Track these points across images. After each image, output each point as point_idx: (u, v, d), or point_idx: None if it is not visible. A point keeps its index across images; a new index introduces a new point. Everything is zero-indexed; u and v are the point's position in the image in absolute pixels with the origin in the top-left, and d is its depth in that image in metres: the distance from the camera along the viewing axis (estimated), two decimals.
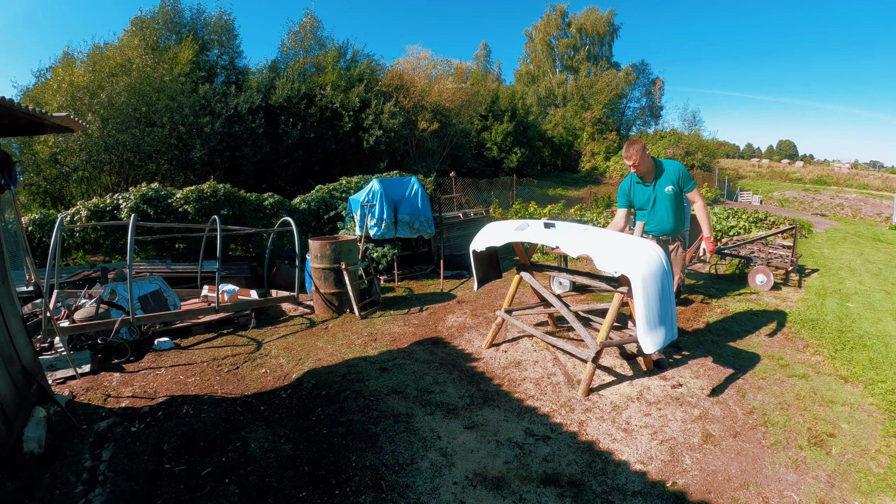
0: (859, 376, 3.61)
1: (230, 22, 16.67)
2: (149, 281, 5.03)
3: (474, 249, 3.98)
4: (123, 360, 4.00)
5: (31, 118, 2.59)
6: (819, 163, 47.65)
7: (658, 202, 3.83)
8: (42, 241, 6.44)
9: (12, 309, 2.94)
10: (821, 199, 25.40)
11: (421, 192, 6.95)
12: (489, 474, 2.42)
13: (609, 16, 37.56)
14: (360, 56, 18.64)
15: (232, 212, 7.14)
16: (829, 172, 33.57)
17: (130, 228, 4.13)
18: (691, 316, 5.18)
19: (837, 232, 13.99)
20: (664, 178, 3.80)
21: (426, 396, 3.26)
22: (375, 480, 2.37)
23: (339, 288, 5.25)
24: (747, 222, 10.58)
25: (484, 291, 6.21)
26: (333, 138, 16.20)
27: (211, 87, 14.19)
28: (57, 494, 2.29)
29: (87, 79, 12.40)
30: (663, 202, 3.82)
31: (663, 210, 3.83)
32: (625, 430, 2.85)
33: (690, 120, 35.44)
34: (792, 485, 2.36)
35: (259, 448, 2.66)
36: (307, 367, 3.80)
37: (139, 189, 6.70)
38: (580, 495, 2.26)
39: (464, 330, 4.73)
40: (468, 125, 22.02)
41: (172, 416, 3.04)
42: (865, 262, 8.72)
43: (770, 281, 6.32)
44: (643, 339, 3.02)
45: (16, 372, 2.79)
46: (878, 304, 5.76)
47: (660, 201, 3.83)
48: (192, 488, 2.32)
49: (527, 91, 36.63)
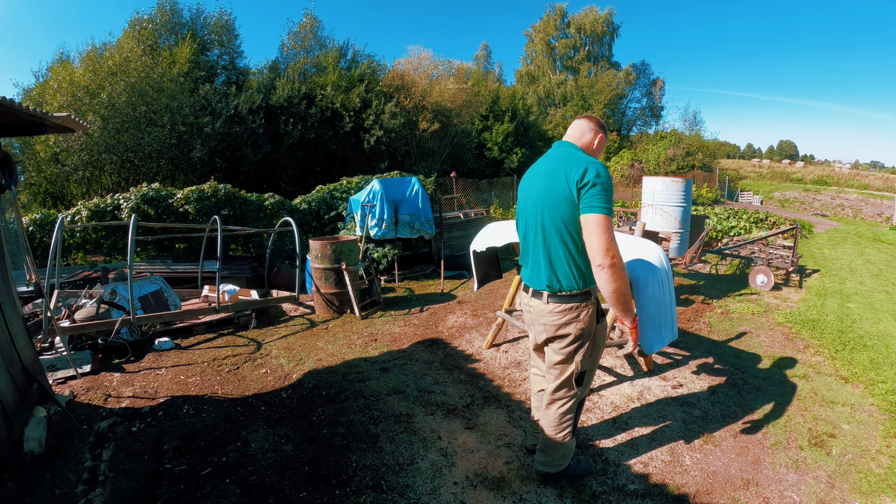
0: (860, 377, 3.61)
1: (230, 22, 16.67)
2: (149, 281, 5.03)
3: (475, 250, 3.99)
4: (124, 360, 4.00)
5: (31, 118, 2.59)
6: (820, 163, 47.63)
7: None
8: (43, 241, 6.45)
9: (13, 309, 2.94)
10: (821, 199, 25.38)
11: (421, 192, 6.95)
12: (489, 474, 2.42)
13: (608, 15, 37.48)
14: (360, 56, 18.63)
15: (232, 212, 7.14)
16: (829, 173, 33.54)
17: (131, 228, 4.14)
18: (691, 316, 5.18)
19: (838, 232, 13.98)
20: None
21: (427, 397, 3.26)
22: (376, 480, 2.37)
23: (339, 288, 5.25)
24: (748, 222, 10.57)
25: (484, 291, 6.21)
26: (334, 138, 16.19)
27: (211, 87, 14.19)
28: (57, 494, 2.29)
29: (88, 79, 12.40)
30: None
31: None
32: (625, 430, 2.85)
33: (691, 120, 35.43)
34: (792, 485, 2.36)
35: (259, 448, 2.66)
36: (308, 368, 3.80)
37: (140, 189, 6.71)
38: (580, 495, 2.26)
39: (464, 330, 4.73)
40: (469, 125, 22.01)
41: (173, 416, 3.04)
42: (866, 263, 8.71)
43: (771, 281, 6.31)
44: (644, 340, 3.02)
45: (16, 372, 2.80)
46: (879, 304, 5.76)
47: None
48: (192, 488, 2.32)
49: (527, 91, 36.58)
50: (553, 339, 2.10)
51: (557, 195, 1.90)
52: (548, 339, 2.12)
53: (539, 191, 2.00)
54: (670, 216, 5.90)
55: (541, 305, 2.08)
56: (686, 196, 5.92)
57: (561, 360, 2.10)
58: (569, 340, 2.05)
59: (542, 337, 2.14)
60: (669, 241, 5.96)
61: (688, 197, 5.94)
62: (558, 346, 2.10)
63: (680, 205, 5.88)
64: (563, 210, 1.90)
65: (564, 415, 2.18)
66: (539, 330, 2.14)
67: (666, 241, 5.96)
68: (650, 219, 6.00)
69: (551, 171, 1.96)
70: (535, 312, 2.12)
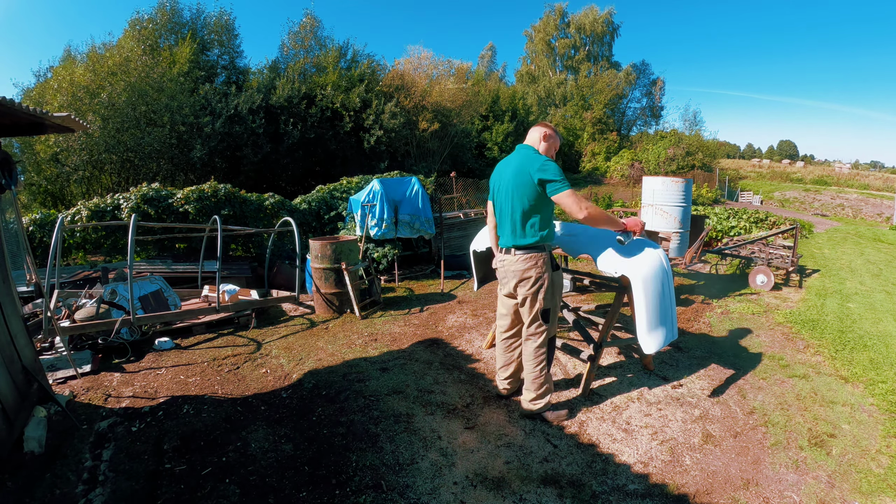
0: (860, 377, 3.61)
1: (230, 22, 16.68)
2: (149, 281, 5.03)
3: (474, 249, 3.98)
4: (124, 359, 4.00)
5: (32, 118, 2.59)
6: (820, 163, 47.65)
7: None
8: (43, 241, 6.45)
9: (13, 308, 2.94)
10: (821, 199, 25.39)
11: (421, 192, 6.95)
12: (489, 474, 2.42)
13: (608, 15, 37.43)
14: (360, 56, 18.65)
15: (232, 212, 7.14)
16: (829, 173, 33.55)
17: (131, 228, 4.14)
18: (691, 316, 5.18)
19: (838, 232, 13.99)
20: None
21: (427, 396, 3.26)
22: (376, 480, 2.37)
23: (339, 288, 5.25)
24: (748, 222, 10.58)
25: (484, 291, 6.21)
26: (334, 138, 16.20)
27: (211, 87, 14.20)
28: (57, 494, 2.29)
29: (88, 79, 12.41)
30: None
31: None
32: (625, 430, 2.85)
33: (691, 120, 35.44)
34: (792, 485, 2.36)
35: (259, 448, 2.66)
36: (308, 368, 3.80)
37: (140, 189, 6.71)
38: (580, 495, 2.26)
39: (464, 330, 4.73)
40: (469, 125, 22.02)
41: (173, 415, 3.04)
42: (866, 263, 8.71)
43: (770, 281, 6.31)
44: (643, 340, 3.02)
45: (16, 371, 2.80)
46: (879, 304, 5.76)
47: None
48: (192, 488, 2.32)
49: (527, 91, 36.57)
50: (520, 283, 2.77)
51: (524, 182, 2.67)
52: (516, 283, 2.79)
53: (509, 180, 2.76)
54: (670, 216, 5.90)
55: (511, 258, 2.80)
56: (686, 196, 5.92)
57: (528, 298, 2.76)
58: (531, 282, 2.73)
59: (513, 282, 2.81)
60: (669, 241, 5.96)
61: (688, 197, 5.94)
62: (524, 289, 2.76)
63: (680, 205, 5.88)
64: (527, 192, 2.67)
65: (539, 348, 2.81)
66: (510, 277, 2.82)
67: (666, 241, 5.96)
68: (650, 219, 6.00)
69: (518, 167, 2.72)
70: (507, 264, 2.83)
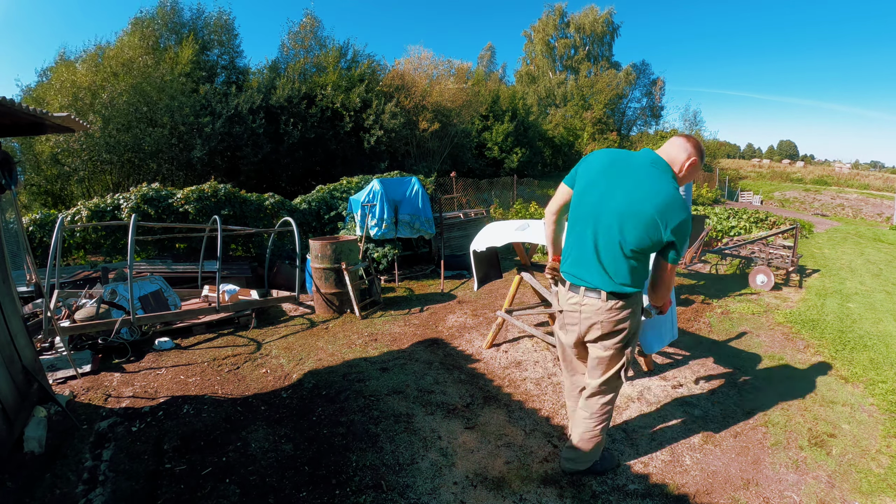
0: (860, 377, 3.61)
1: (230, 22, 16.67)
2: (149, 281, 5.03)
3: (474, 249, 3.98)
4: (124, 360, 4.00)
5: (32, 118, 2.59)
6: (820, 163, 47.62)
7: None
8: (43, 241, 6.45)
9: (13, 308, 2.94)
10: (821, 199, 25.39)
11: (421, 192, 6.95)
12: (490, 474, 2.42)
13: (608, 15, 37.40)
14: (360, 56, 18.62)
15: (232, 212, 7.14)
16: (829, 173, 33.53)
17: (131, 228, 4.14)
18: (691, 316, 5.18)
19: (838, 232, 13.98)
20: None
21: (427, 396, 3.26)
22: (376, 480, 2.37)
23: (339, 288, 5.25)
24: (748, 222, 10.57)
25: (484, 291, 6.21)
26: (334, 138, 16.19)
27: (211, 87, 14.19)
28: (57, 494, 2.29)
29: (89, 79, 12.41)
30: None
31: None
32: (625, 430, 2.85)
33: (691, 120, 35.47)
34: (792, 485, 2.36)
35: (259, 448, 2.66)
36: (308, 368, 3.80)
37: (140, 189, 6.71)
38: (580, 495, 2.26)
39: (464, 330, 4.73)
40: (469, 125, 22.00)
41: (173, 416, 3.04)
42: (866, 263, 8.71)
43: (771, 281, 6.31)
44: (644, 339, 3.02)
45: (16, 372, 2.80)
46: (879, 304, 5.76)
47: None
48: (192, 488, 2.32)
49: (527, 91, 36.54)
50: (608, 335, 2.17)
51: (647, 223, 1.95)
52: (602, 334, 2.18)
53: (621, 204, 2.00)
54: None
55: (598, 303, 2.12)
56: (686, 196, 5.92)
57: (611, 354, 2.20)
58: (623, 335, 2.16)
59: (596, 333, 2.19)
60: None
61: (688, 197, 5.93)
62: (611, 342, 2.18)
63: None
64: (642, 235, 1.98)
65: (606, 405, 2.31)
66: (593, 326, 2.18)
67: None
68: None
69: (648, 194, 1.96)
70: (590, 310, 2.15)
